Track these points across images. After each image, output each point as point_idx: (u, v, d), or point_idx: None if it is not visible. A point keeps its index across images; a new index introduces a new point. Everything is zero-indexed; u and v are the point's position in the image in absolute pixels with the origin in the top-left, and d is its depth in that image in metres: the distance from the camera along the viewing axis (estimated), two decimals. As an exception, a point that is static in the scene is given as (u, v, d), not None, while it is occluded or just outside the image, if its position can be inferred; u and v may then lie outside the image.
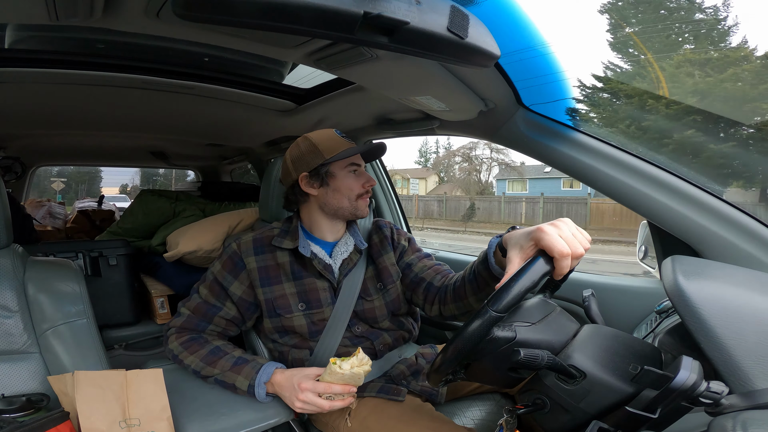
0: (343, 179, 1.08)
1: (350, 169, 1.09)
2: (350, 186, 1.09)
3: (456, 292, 1.01)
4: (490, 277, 0.89)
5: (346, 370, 0.85)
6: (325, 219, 1.12)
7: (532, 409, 0.63)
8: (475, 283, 0.94)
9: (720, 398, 0.50)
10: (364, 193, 1.10)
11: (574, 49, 13.93)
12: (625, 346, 0.63)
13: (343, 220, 1.14)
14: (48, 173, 12.56)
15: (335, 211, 1.10)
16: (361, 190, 1.10)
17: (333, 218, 1.12)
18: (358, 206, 1.10)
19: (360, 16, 0.55)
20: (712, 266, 0.70)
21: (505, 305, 0.60)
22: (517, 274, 0.63)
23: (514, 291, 0.61)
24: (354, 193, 1.09)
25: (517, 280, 0.62)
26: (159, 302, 1.88)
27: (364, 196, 1.11)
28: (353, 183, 1.09)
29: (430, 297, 1.09)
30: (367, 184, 1.10)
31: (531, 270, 0.64)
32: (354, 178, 1.09)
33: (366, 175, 1.12)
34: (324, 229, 1.13)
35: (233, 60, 1.32)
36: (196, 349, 1.02)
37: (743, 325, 0.55)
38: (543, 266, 0.65)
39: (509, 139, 1.08)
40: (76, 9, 0.65)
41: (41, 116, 1.66)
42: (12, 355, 0.95)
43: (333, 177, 1.08)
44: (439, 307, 1.07)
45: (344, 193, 1.08)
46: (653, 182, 0.88)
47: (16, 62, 1.12)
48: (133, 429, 0.83)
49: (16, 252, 1.03)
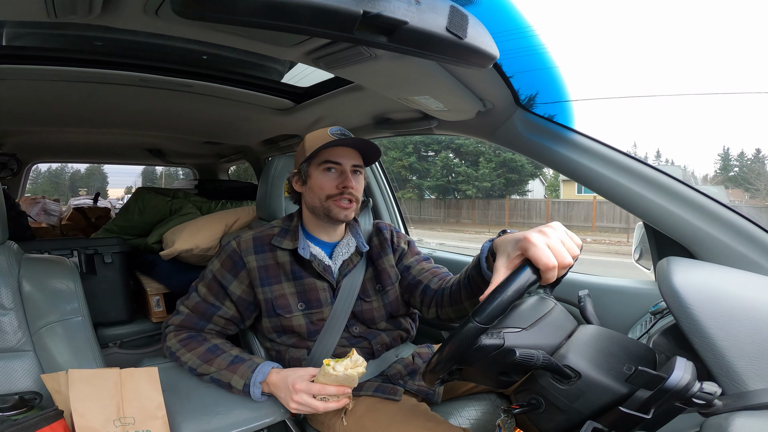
0: (317, 178, 1.04)
1: (324, 167, 1.03)
2: (322, 185, 1.03)
3: (452, 296, 1.01)
4: (482, 282, 0.89)
5: (339, 371, 0.84)
6: (313, 218, 1.10)
7: (528, 409, 0.63)
8: (469, 288, 0.94)
9: (713, 399, 0.50)
10: (337, 194, 1.03)
11: (573, 49, 13.99)
12: (619, 346, 0.63)
13: (330, 222, 1.09)
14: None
15: (312, 209, 1.08)
16: (334, 191, 1.03)
17: (316, 217, 1.09)
18: (330, 208, 1.03)
19: (359, 16, 0.55)
20: (707, 267, 0.70)
21: (489, 317, 0.60)
22: (501, 286, 0.63)
23: (497, 303, 0.60)
24: (324, 193, 1.03)
25: (501, 291, 0.61)
26: (155, 300, 1.87)
27: (337, 198, 1.03)
28: (325, 182, 1.03)
29: (427, 300, 1.09)
30: (341, 185, 1.02)
31: (516, 281, 0.62)
32: (328, 178, 1.03)
33: (345, 175, 1.03)
34: (317, 228, 1.11)
35: (231, 58, 1.32)
36: (194, 346, 1.02)
37: (736, 327, 0.55)
38: (529, 276, 0.64)
39: (507, 140, 1.08)
40: (74, 6, 0.65)
41: (38, 113, 1.65)
42: (6, 353, 0.94)
43: (309, 176, 1.06)
44: (437, 309, 1.07)
45: (316, 193, 1.04)
46: (649, 184, 0.88)
47: (13, 59, 1.11)
48: (127, 427, 0.82)
49: (11, 249, 1.02)
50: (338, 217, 1.04)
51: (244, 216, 1.88)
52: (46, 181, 22.79)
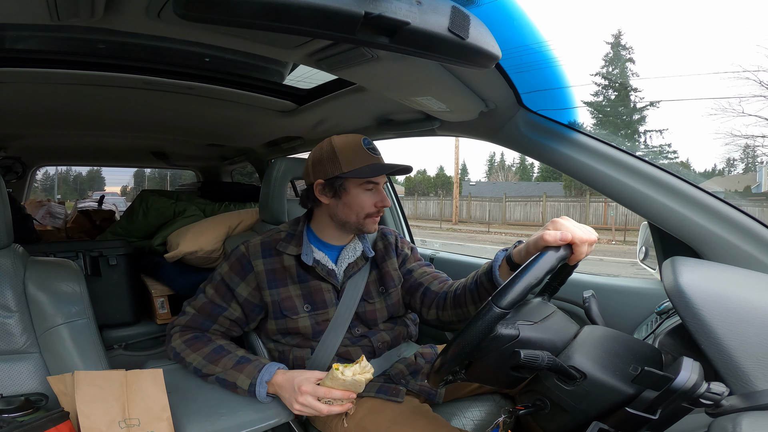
0: (356, 196, 1.05)
1: (366, 187, 1.05)
2: (362, 204, 1.05)
3: (456, 299, 1.02)
4: (492, 289, 0.90)
5: (348, 376, 0.85)
6: (333, 226, 1.11)
7: (533, 410, 0.63)
8: (476, 293, 0.95)
9: (720, 399, 0.50)
10: (375, 212, 1.06)
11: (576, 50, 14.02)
12: (625, 347, 0.63)
13: (356, 233, 1.13)
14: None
15: (342, 223, 1.08)
16: (373, 209, 1.06)
17: (340, 228, 1.11)
18: (366, 224, 1.07)
19: (361, 17, 0.55)
20: (713, 267, 0.70)
21: (510, 301, 0.60)
22: (521, 270, 0.64)
23: (518, 286, 0.61)
24: (364, 212, 1.05)
25: (522, 275, 0.63)
26: (159, 302, 1.88)
27: (374, 216, 1.07)
28: (366, 201, 1.05)
29: (427, 301, 1.11)
30: (380, 203, 1.06)
31: (536, 265, 0.65)
32: (368, 197, 1.05)
33: (382, 194, 1.07)
34: (332, 235, 1.13)
35: (234, 60, 1.32)
36: (199, 347, 1.03)
37: (744, 326, 0.55)
38: (559, 254, 0.67)
39: (510, 140, 1.08)
40: (77, 9, 0.65)
41: (42, 116, 1.66)
42: (12, 355, 0.95)
43: (346, 192, 1.05)
44: (437, 311, 1.08)
45: (354, 210, 1.05)
46: (654, 183, 0.88)
47: (16, 62, 1.12)
48: (132, 429, 0.83)
49: (17, 252, 1.03)
50: (370, 231, 1.09)
51: (248, 218, 1.88)
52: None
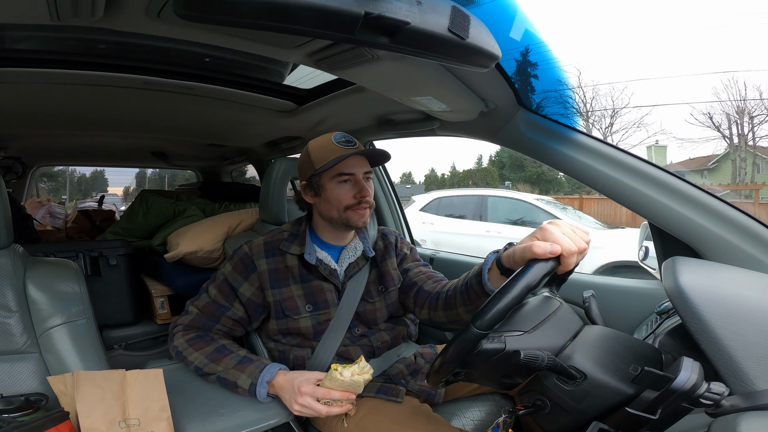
0: (332, 190, 1.05)
1: (339, 180, 1.04)
2: (338, 197, 1.04)
3: (447, 301, 1.00)
4: (481, 292, 0.88)
5: (346, 377, 0.85)
6: (327, 226, 1.11)
7: (533, 410, 0.63)
8: (466, 295, 0.94)
9: (720, 399, 0.50)
10: (355, 204, 1.04)
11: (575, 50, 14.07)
12: (625, 347, 0.63)
13: (348, 229, 1.11)
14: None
15: (329, 220, 1.08)
16: (351, 201, 1.04)
17: (331, 225, 1.10)
18: (349, 217, 1.05)
19: (361, 17, 0.55)
20: (713, 267, 0.70)
21: (488, 322, 0.60)
22: (502, 290, 0.62)
23: (496, 308, 0.60)
24: (342, 205, 1.04)
25: (503, 295, 0.61)
26: (159, 302, 1.88)
27: (356, 208, 1.04)
28: (342, 194, 1.04)
29: (420, 300, 1.10)
30: (358, 194, 1.04)
31: (518, 283, 0.62)
32: (344, 190, 1.04)
33: (360, 184, 1.05)
34: (329, 234, 1.13)
35: (234, 60, 1.32)
36: (201, 346, 1.03)
37: (744, 326, 0.55)
38: (546, 266, 0.65)
39: (510, 140, 1.08)
40: (77, 9, 0.65)
41: (42, 116, 1.66)
42: (12, 355, 0.95)
43: (323, 188, 1.06)
44: (429, 312, 1.07)
45: (333, 204, 1.05)
46: (654, 183, 0.88)
47: (16, 62, 1.12)
48: (132, 429, 0.82)
49: (17, 252, 1.03)
50: (357, 225, 1.07)
51: (248, 218, 1.88)
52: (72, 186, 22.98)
